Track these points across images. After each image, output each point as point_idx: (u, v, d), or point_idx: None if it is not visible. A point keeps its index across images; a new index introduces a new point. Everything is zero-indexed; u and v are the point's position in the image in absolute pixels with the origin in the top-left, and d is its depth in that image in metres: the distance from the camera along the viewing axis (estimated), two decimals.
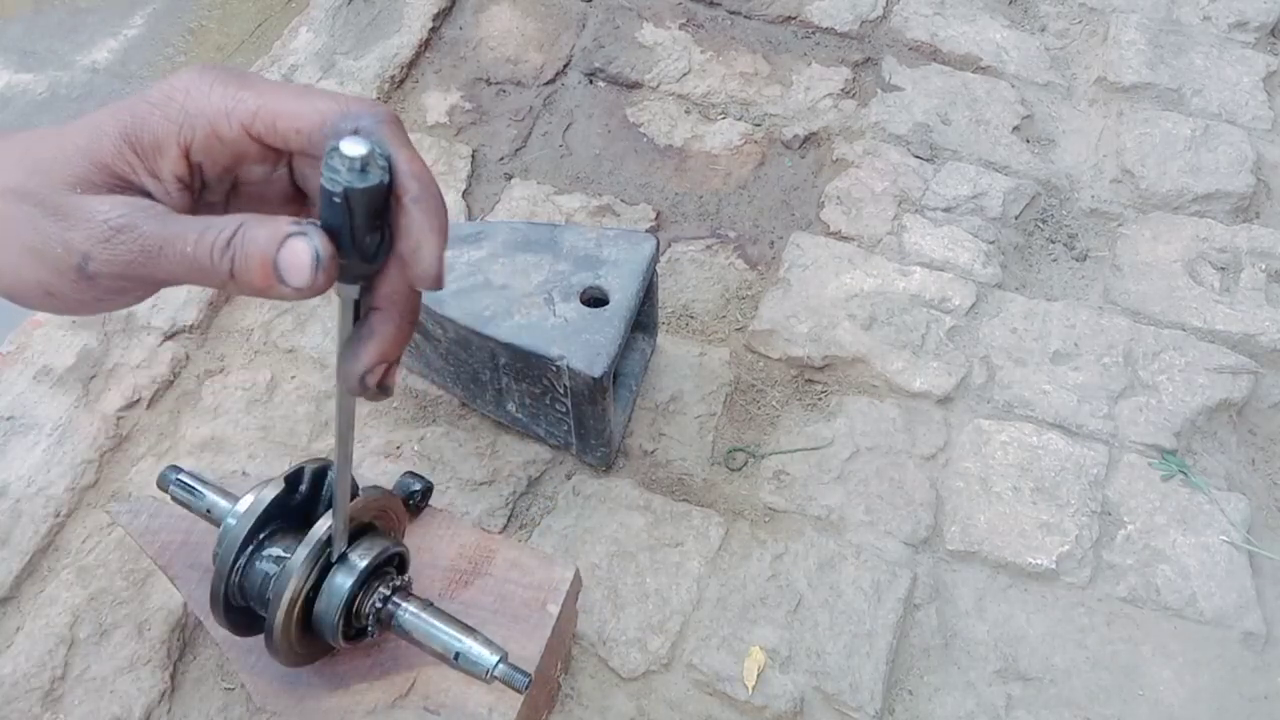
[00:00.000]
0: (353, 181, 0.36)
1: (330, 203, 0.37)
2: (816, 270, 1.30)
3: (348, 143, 0.36)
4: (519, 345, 0.99)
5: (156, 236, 0.39)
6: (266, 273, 0.38)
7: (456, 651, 0.64)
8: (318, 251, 0.37)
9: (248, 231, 0.38)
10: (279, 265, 0.37)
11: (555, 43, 1.59)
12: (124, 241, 0.38)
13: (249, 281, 0.38)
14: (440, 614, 0.66)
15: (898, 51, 1.60)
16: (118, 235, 0.38)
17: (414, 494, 0.79)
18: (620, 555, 1.04)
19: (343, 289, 0.41)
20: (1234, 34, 1.65)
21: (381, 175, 0.37)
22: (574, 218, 1.36)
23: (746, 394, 1.19)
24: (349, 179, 0.36)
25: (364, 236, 0.38)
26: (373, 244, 0.39)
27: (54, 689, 0.92)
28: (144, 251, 0.39)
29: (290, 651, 0.65)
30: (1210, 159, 1.46)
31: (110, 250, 0.38)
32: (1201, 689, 1.00)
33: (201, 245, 0.38)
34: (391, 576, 0.67)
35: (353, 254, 0.38)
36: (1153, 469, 1.14)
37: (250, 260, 0.38)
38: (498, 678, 0.64)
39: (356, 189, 0.36)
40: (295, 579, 0.61)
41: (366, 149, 0.36)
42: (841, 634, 1.00)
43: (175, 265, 0.39)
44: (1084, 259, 1.36)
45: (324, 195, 0.37)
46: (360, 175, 0.36)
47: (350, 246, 0.38)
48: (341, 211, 0.37)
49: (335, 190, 0.36)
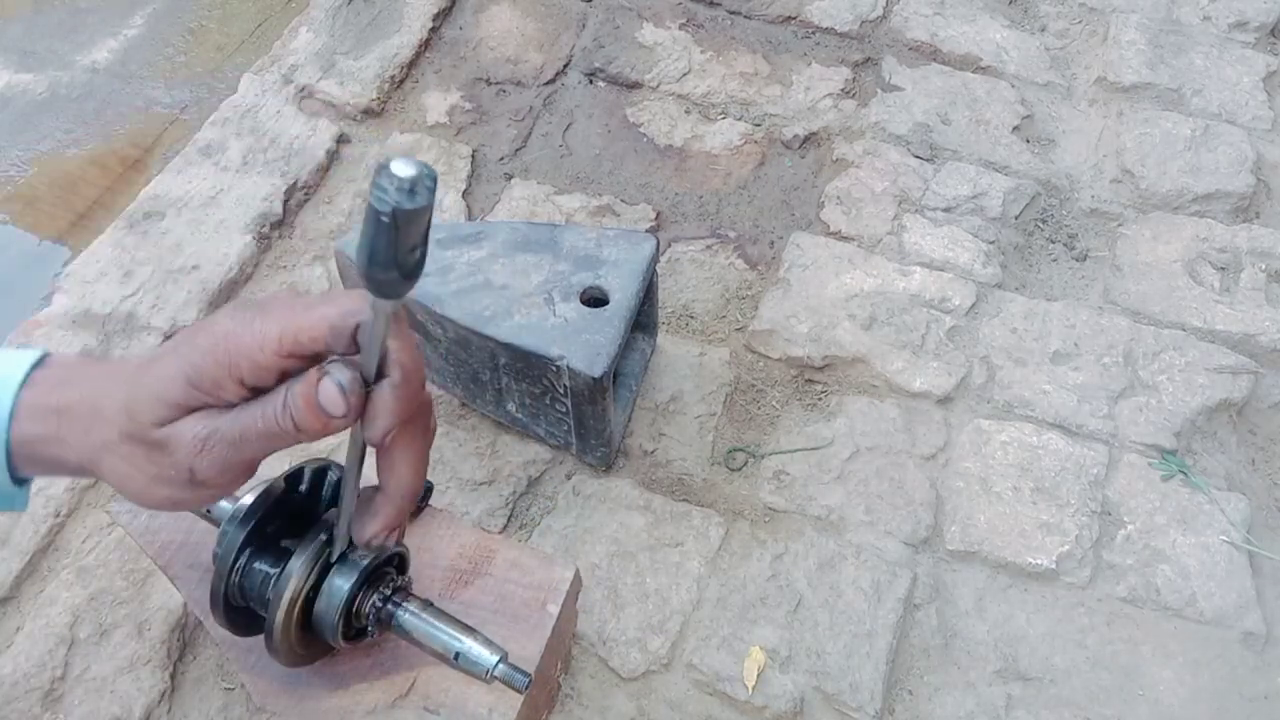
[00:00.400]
0: (401, 202, 0.37)
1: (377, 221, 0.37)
2: (816, 270, 1.30)
3: (399, 163, 0.37)
4: (519, 345, 0.99)
5: (234, 429, 0.49)
6: (316, 413, 0.48)
7: (456, 651, 0.64)
8: (341, 383, 0.47)
9: (291, 392, 0.48)
10: (322, 404, 0.47)
11: (555, 43, 1.59)
12: (214, 445, 0.49)
13: (309, 427, 0.48)
14: (440, 614, 0.66)
15: (898, 51, 1.60)
16: (207, 444, 0.49)
17: None
18: (620, 555, 1.04)
19: (380, 304, 0.42)
20: (1234, 34, 1.65)
21: (429, 197, 0.38)
22: (574, 218, 1.36)
23: (746, 394, 1.19)
24: (398, 199, 0.37)
25: (406, 254, 0.39)
26: (412, 261, 0.40)
27: (54, 689, 0.92)
28: (231, 445, 0.49)
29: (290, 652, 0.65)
30: (1210, 159, 1.46)
31: (207, 457, 0.49)
32: (1201, 689, 1.00)
33: (267, 419, 0.48)
34: (391, 577, 0.67)
35: (393, 269, 0.39)
36: (1153, 469, 1.14)
37: (301, 411, 0.48)
38: (498, 678, 0.63)
39: (405, 209, 0.37)
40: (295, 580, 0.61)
41: (416, 171, 0.37)
42: (841, 634, 1.00)
43: (257, 442, 0.49)
44: (1084, 259, 1.36)
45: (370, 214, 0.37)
46: (409, 196, 0.37)
47: (392, 262, 0.39)
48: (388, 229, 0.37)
49: (384, 210, 0.37)
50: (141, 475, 0.50)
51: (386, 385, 0.48)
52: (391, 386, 0.48)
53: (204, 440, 0.48)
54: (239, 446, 0.49)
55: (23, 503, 0.59)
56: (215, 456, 0.49)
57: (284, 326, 0.48)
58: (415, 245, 0.39)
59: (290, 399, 0.48)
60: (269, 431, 0.48)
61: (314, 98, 1.48)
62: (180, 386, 0.48)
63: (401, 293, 0.41)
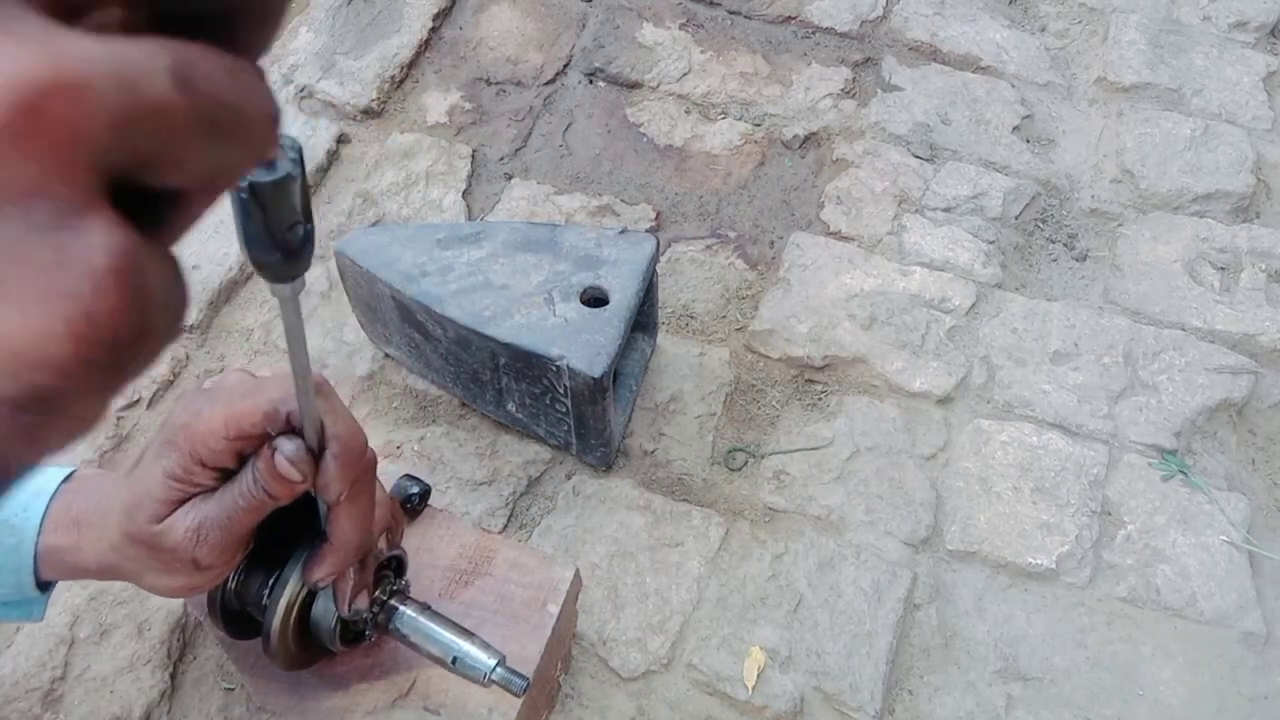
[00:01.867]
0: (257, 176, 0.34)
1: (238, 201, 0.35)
2: (816, 270, 1.30)
3: None
4: (519, 345, 0.99)
5: (221, 514, 0.54)
6: (281, 481, 0.53)
7: (454, 655, 0.64)
8: (288, 456, 0.52)
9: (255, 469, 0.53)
10: (282, 473, 0.52)
11: (555, 43, 1.59)
12: (206, 531, 0.54)
13: (280, 493, 0.54)
14: (438, 617, 0.66)
15: (898, 51, 1.60)
16: (200, 532, 0.54)
17: (411, 497, 0.79)
18: (620, 555, 1.04)
19: (276, 289, 0.40)
20: (1234, 34, 1.65)
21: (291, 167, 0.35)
22: (574, 218, 1.36)
23: (746, 394, 1.19)
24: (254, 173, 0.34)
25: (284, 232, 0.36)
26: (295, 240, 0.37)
27: (54, 689, 0.92)
28: (221, 528, 0.54)
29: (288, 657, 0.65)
30: (1210, 159, 1.46)
31: (205, 545, 0.54)
32: (1201, 689, 1.00)
33: (243, 494, 0.54)
34: (389, 580, 0.67)
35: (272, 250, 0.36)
36: (1153, 469, 1.14)
37: (269, 482, 0.53)
38: (495, 681, 0.64)
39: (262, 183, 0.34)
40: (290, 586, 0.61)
41: None
42: (841, 634, 1.00)
43: (242, 517, 0.54)
44: (1084, 259, 1.36)
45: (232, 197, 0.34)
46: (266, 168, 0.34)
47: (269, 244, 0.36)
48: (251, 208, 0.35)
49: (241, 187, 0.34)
50: (151, 571, 0.56)
51: (329, 457, 0.54)
52: (333, 457, 0.54)
53: (196, 530, 0.54)
54: (228, 527, 0.54)
55: (40, 612, 0.65)
56: (212, 541, 0.54)
57: (226, 415, 0.53)
58: (293, 222, 0.36)
59: (256, 475, 0.53)
60: (250, 506, 0.54)
61: (314, 98, 1.48)
62: (162, 482, 0.54)
63: (294, 274, 0.38)
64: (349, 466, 0.54)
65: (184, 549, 0.54)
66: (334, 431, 0.54)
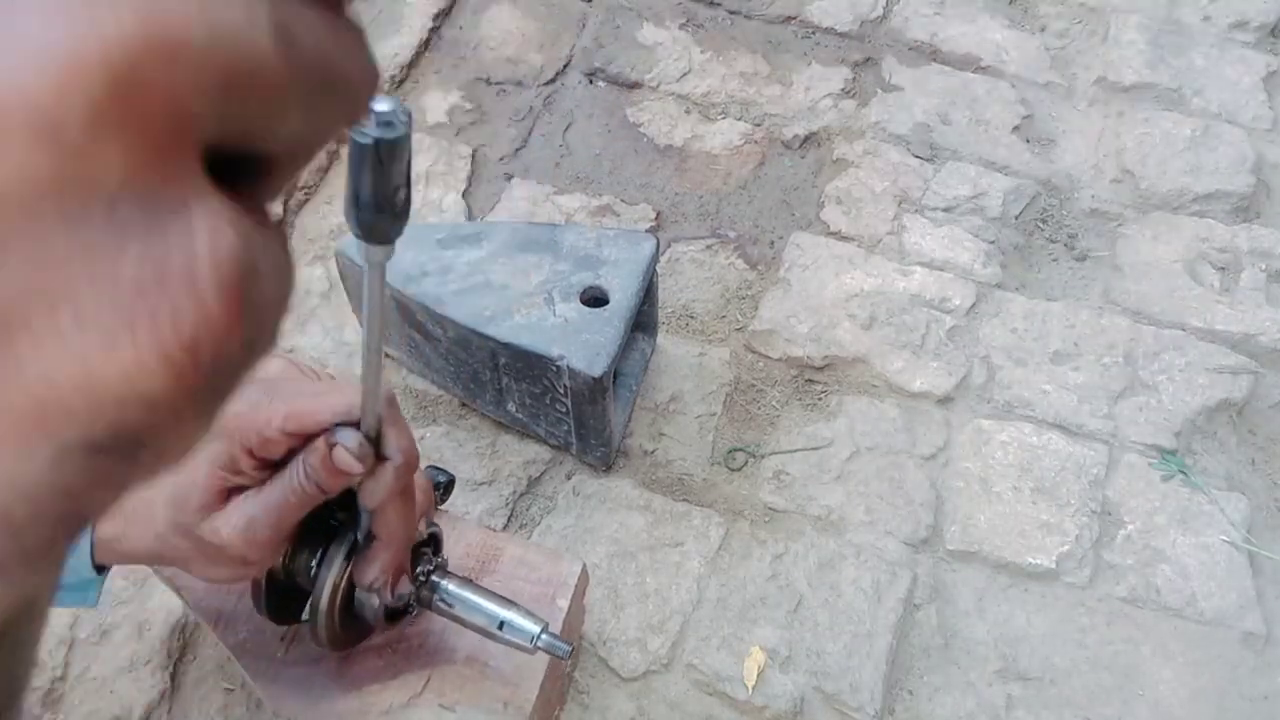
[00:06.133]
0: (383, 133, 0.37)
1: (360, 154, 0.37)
2: (816, 270, 1.30)
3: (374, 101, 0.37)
4: (519, 345, 0.99)
5: (269, 512, 0.54)
6: (336, 475, 0.52)
7: (501, 621, 0.66)
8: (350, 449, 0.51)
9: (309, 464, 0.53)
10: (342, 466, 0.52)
11: (555, 43, 1.59)
12: (253, 528, 0.54)
13: (335, 487, 0.53)
14: (479, 589, 0.69)
15: (898, 51, 1.60)
16: (248, 528, 0.54)
17: (437, 486, 0.80)
18: (620, 555, 1.04)
19: (373, 252, 0.42)
20: (1234, 34, 1.65)
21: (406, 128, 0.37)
22: (574, 218, 1.36)
23: (746, 394, 1.19)
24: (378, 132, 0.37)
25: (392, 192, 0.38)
26: (399, 201, 0.39)
27: (54, 689, 0.92)
28: (270, 526, 0.54)
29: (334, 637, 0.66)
30: (1210, 159, 1.46)
31: (250, 540, 0.54)
32: (1201, 689, 1.00)
33: (292, 490, 0.53)
34: (428, 556, 0.68)
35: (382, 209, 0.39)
36: (1153, 469, 1.14)
37: (323, 477, 0.52)
38: (541, 647, 0.66)
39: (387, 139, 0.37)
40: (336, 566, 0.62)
41: (390, 105, 0.37)
42: (841, 634, 1.00)
43: (289, 512, 0.54)
44: (1084, 259, 1.36)
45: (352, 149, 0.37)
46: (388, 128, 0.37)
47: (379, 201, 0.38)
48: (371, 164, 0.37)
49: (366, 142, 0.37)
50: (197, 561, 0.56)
51: (389, 466, 0.53)
52: (394, 468, 0.53)
53: (243, 526, 0.54)
54: (277, 524, 0.54)
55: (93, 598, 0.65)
56: (258, 537, 0.54)
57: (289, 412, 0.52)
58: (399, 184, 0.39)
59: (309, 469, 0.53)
60: (300, 500, 0.54)
61: None
62: (208, 470, 0.53)
63: (392, 236, 0.40)
64: (405, 479, 0.54)
65: (233, 548, 0.54)
66: (399, 444, 0.53)
